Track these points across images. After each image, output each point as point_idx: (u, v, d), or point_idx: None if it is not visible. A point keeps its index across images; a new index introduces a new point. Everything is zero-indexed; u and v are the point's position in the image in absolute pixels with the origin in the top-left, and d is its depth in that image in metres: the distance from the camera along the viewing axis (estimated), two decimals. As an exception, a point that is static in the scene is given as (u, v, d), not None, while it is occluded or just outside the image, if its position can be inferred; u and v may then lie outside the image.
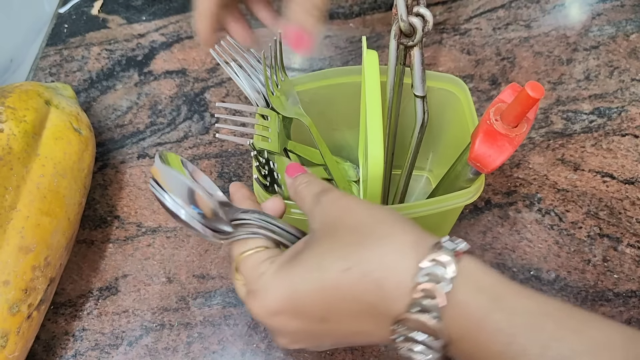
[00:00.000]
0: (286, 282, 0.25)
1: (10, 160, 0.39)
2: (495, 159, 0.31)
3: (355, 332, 0.25)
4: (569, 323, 0.21)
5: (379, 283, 0.23)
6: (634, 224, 0.46)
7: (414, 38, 0.34)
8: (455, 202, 0.35)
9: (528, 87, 0.28)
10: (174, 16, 0.62)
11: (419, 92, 0.36)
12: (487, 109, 0.32)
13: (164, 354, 0.42)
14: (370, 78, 0.34)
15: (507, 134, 0.31)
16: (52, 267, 0.41)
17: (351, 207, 0.26)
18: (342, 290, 0.24)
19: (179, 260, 0.46)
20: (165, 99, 0.56)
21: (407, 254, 0.23)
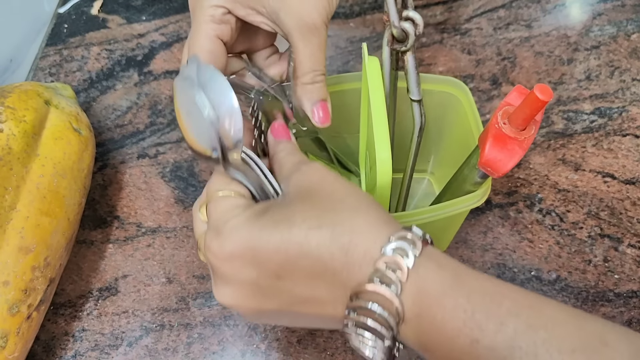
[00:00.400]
0: (252, 229, 0.24)
1: (10, 161, 0.39)
2: (506, 163, 0.31)
3: (308, 298, 0.25)
4: (525, 301, 0.22)
5: (345, 247, 0.23)
6: (634, 224, 0.45)
7: (406, 43, 0.34)
8: (462, 206, 0.35)
9: (537, 90, 0.28)
10: (174, 16, 0.62)
11: (415, 96, 0.36)
12: (495, 113, 0.32)
13: (164, 354, 0.42)
14: (373, 86, 0.34)
15: (516, 137, 0.31)
16: (51, 267, 0.41)
17: (330, 177, 0.26)
18: (306, 247, 0.23)
19: (179, 261, 0.46)
20: (165, 99, 0.56)
21: (378, 226, 0.24)
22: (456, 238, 0.46)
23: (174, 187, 0.50)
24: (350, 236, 0.23)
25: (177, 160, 0.52)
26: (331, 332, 0.42)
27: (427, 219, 0.35)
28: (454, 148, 0.41)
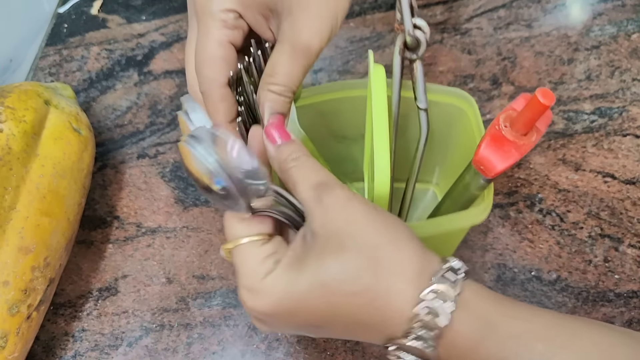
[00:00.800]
0: (290, 290, 0.25)
1: (10, 161, 0.39)
2: (498, 163, 0.31)
3: (347, 337, 0.27)
4: (558, 340, 0.23)
5: (380, 309, 0.24)
6: (635, 224, 0.45)
7: (418, 51, 0.34)
8: (461, 222, 0.35)
9: (539, 93, 0.28)
10: (174, 16, 0.62)
11: (423, 105, 0.36)
12: (498, 115, 0.32)
13: (164, 354, 0.42)
14: (377, 94, 0.34)
15: (515, 141, 0.31)
16: (51, 267, 0.41)
17: (359, 221, 0.25)
18: (343, 309, 0.25)
19: (178, 261, 0.46)
20: (165, 98, 0.56)
21: (410, 283, 0.24)
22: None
23: (174, 187, 0.50)
24: (384, 301, 0.24)
25: (177, 160, 0.52)
26: (331, 332, 0.42)
27: (423, 233, 0.34)
28: (459, 160, 0.40)
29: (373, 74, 0.35)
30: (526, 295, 0.43)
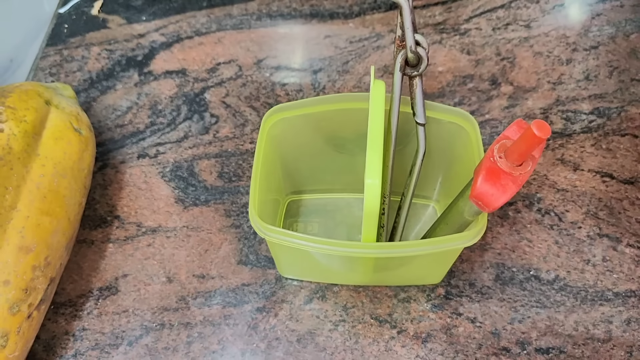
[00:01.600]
0: None
1: (11, 160, 0.39)
2: (497, 199, 0.30)
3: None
4: None
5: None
6: (633, 224, 0.46)
7: (419, 68, 0.34)
8: (452, 244, 0.34)
9: (534, 126, 0.27)
10: (174, 16, 0.63)
11: (421, 120, 0.35)
12: (492, 146, 0.31)
13: (164, 353, 0.42)
14: (374, 111, 0.34)
15: (511, 173, 0.30)
16: (52, 267, 0.41)
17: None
18: None
19: (179, 260, 0.46)
20: (165, 99, 0.56)
21: None
22: (455, 238, 0.46)
23: (174, 187, 0.50)
24: None
25: (177, 160, 0.52)
26: (331, 331, 0.42)
27: (412, 253, 0.35)
28: (459, 177, 0.40)
29: (372, 89, 0.35)
30: (525, 294, 0.43)
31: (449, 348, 0.41)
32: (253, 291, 0.45)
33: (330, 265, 0.42)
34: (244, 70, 0.58)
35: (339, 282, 0.45)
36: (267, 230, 0.35)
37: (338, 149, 0.44)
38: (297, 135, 0.42)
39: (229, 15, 0.62)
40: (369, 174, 0.32)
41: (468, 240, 0.34)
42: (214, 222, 0.48)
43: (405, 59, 0.33)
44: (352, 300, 0.44)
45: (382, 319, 0.43)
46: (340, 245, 0.34)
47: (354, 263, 0.40)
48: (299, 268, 0.44)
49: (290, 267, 0.44)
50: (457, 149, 0.41)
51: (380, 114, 0.34)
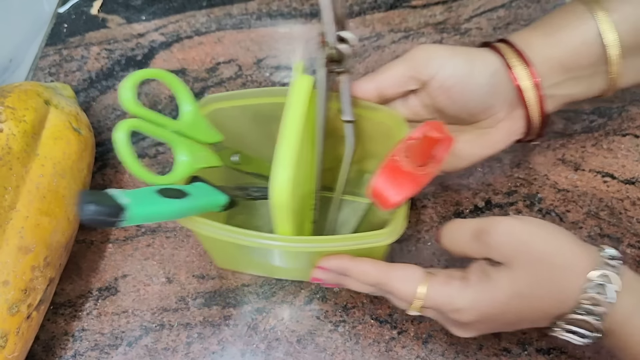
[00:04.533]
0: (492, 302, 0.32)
1: (10, 160, 0.39)
2: (392, 197, 0.30)
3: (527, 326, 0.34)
4: None
5: (559, 297, 0.31)
6: (634, 224, 0.46)
7: (343, 64, 0.33)
8: (366, 241, 0.34)
9: (429, 127, 0.27)
10: (174, 16, 0.62)
11: (347, 117, 0.35)
12: (397, 145, 0.31)
13: (164, 354, 0.42)
14: (293, 106, 0.34)
15: (412, 172, 0.30)
16: (51, 267, 0.41)
17: (526, 241, 0.32)
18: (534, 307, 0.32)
19: (178, 261, 0.46)
20: (165, 98, 0.56)
21: (581, 274, 0.31)
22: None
23: (174, 187, 0.50)
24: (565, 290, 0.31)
25: (176, 160, 0.52)
26: (331, 331, 0.42)
27: (326, 248, 0.34)
28: None
29: (295, 83, 0.35)
30: (525, 294, 0.43)
31: (449, 349, 0.41)
32: (253, 292, 0.45)
33: (256, 258, 0.42)
34: (244, 70, 0.58)
35: (276, 276, 0.45)
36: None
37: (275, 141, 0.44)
38: (234, 126, 0.42)
39: (228, 15, 0.62)
40: (276, 167, 0.31)
41: (382, 238, 0.34)
42: (213, 222, 0.48)
43: (328, 55, 0.33)
44: (352, 300, 0.44)
45: (383, 320, 0.43)
46: (250, 236, 0.34)
47: (275, 256, 0.40)
48: (230, 260, 0.44)
49: (222, 259, 0.44)
50: (389, 146, 0.40)
51: (299, 107, 0.34)
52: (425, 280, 0.33)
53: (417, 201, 0.48)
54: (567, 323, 0.32)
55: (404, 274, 0.34)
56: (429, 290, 0.33)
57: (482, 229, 0.33)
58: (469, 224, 0.35)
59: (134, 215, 0.28)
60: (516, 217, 0.33)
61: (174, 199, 0.31)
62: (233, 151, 0.41)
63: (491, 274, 0.32)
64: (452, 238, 0.36)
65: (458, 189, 0.48)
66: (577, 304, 0.31)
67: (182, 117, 0.37)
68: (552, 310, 0.32)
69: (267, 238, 0.34)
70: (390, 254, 0.45)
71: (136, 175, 0.33)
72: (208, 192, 0.35)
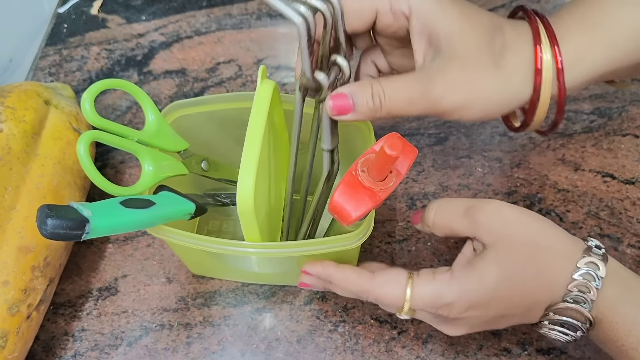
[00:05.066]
0: (482, 286, 0.31)
1: (10, 160, 0.39)
2: (351, 213, 0.29)
3: (519, 320, 0.34)
4: None
5: (546, 283, 0.31)
6: (634, 224, 0.46)
7: (320, 94, 0.32)
8: (334, 245, 0.34)
9: (386, 144, 0.27)
10: (174, 16, 0.62)
11: (326, 147, 0.34)
12: (357, 159, 0.31)
13: (164, 354, 0.42)
14: (256, 112, 0.33)
15: (371, 187, 0.30)
16: (51, 267, 0.41)
17: (513, 223, 0.32)
18: (523, 292, 0.32)
19: (178, 261, 0.46)
20: (165, 98, 0.56)
21: (568, 259, 0.31)
22: (456, 237, 0.46)
23: (174, 187, 0.50)
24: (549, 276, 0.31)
25: (176, 160, 0.52)
26: (331, 331, 0.42)
27: (295, 253, 0.34)
28: None
29: (258, 89, 0.34)
30: (525, 294, 0.43)
31: (449, 349, 0.41)
32: (253, 292, 0.45)
33: (229, 265, 0.42)
34: (244, 70, 0.58)
35: (251, 281, 0.45)
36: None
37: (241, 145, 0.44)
38: (201, 132, 0.42)
39: (228, 15, 0.62)
40: (242, 173, 0.31)
41: (350, 242, 0.34)
42: (213, 223, 0.48)
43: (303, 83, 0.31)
44: (352, 300, 0.44)
45: (383, 320, 0.43)
46: (217, 243, 0.34)
47: (246, 261, 0.40)
48: (203, 267, 0.44)
49: (195, 266, 0.44)
50: (358, 150, 0.40)
51: (262, 112, 0.33)
52: (409, 282, 0.33)
53: (417, 201, 0.48)
54: (557, 313, 0.31)
55: (387, 279, 0.33)
56: (415, 290, 0.32)
57: (471, 206, 0.33)
58: (460, 201, 0.35)
59: (96, 227, 0.27)
60: (506, 203, 0.33)
61: (139, 209, 0.31)
62: (200, 158, 0.41)
63: (476, 263, 0.32)
64: (441, 212, 0.35)
65: (458, 189, 0.48)
66: (566, 291, 0.31)
67: (147, 126, 0.37)
68: (542, 297, 0.32)
69: (235, 245, 0.34)
70: (391, 254, 0.45)
71: (100, 187, 0.33)
72: (175, 201, 0.35)
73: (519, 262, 0.31)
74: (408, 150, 0.31)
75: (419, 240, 0.46)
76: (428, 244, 0.46)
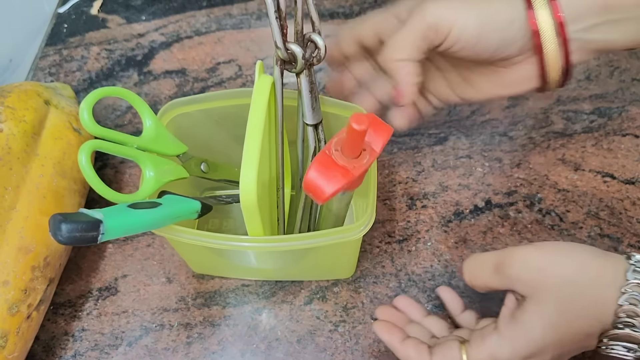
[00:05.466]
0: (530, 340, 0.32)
1: (10, 160, 0.39)
2: (324, 189, 0.30)
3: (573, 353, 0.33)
4: None
5: (593, 316, 0.31)
6: (634, 224, 0.45)
7: (296, 66, 0.33)
8: (336, 237, 0.34)
9: (352, 120, 0.27)
10: (174, 16, 0.62)
11: (308, 121, 0.35)
12: (331, 139, 0.31)
13: (164, 354, 0.42)
14: (255, 105, 0.34)
15: (345, 166, 0.30)
16: (51, 267, 0.41)
17: (545, 268, 0.32)
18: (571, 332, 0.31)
19: (178, 261, 0.46)
20: (165, 98, 0.56)
21: (611, 286, 0.31)
22: (456, 238, 0.46)
23: (174, 187, 0.50)
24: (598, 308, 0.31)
25: (176, 160, 0.52)
26: (331, 332, 0.42)
27: (296, 246, 0.35)
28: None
29: (256, 84, 0.35)
30: (526, 294, 0.43)
31: (449, 349, 0.41)
32: (253, 292, 0.45)
33: (231, 261, 0.42)
34: (244, 70, 0.58)
35: (252, 277, 0.45)
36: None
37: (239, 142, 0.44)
38: (200, 131, 0.42)
39: (228, 15, 0.62)
40: (244, 167, 0.32)
41: (352, 233, 0.34)
42: (213, 223, 0.48)
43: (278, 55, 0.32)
44: (353, 300, 0.44)
45: (383, 320, 0.43)
46: (221, 239, 0.34)
47: (248, 257, 0.40)
48: (206, 265, 0.44)
49: (197, 265, 0.45)
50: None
51: (261, 107, 0.34)
52: (462, 353, 0.34)
53: (417, 201, 0.48)
54: (612, 339, 0.31)
55: (444, 358, 0.34)
56: (470, 358, 0.33)
57: (500, 262, 0.34)
58: (488, 258, 0.35)
59: (111, 228, 0.28)
60: (532, 245, 0.33)
61: (147, 209, 0.31)
62: (199, 160, 0.41)
63: (519, 316, 0.32)
64: (473, 274, 0.36)
65: (458, 189, 0.48)
66: (615, 318, 0.30)
67: (145, 132, 0.38)
68: (592, 329, 0.31)
69: (237, 240, 0.34)
70: (391, 254, 0.45)
71: (103, 196, 0.33)
72: (180, 201, 0.35)
73: (560, 306, 0.31)
74: (381, 127, 0.32)
75: (419, 240, 0.46)
76: (428, 244, 0.46)
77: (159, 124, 0.38)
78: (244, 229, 0.34)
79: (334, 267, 0.44)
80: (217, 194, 0.49)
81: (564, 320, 0.31)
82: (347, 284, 0.44)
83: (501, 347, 0.32)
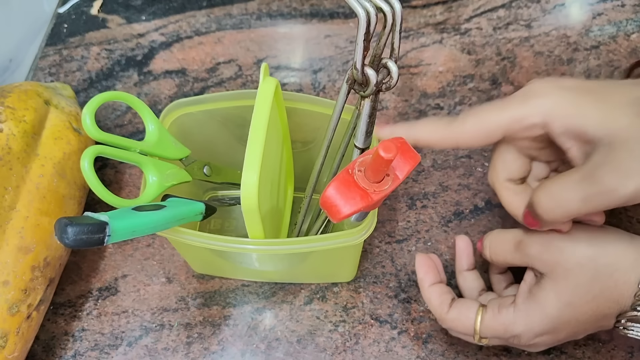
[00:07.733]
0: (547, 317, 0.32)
1: (10, 160, 0.39)
2: (340, 210, 0.29)
3: (590, 331, 0.34)
4: None
5: (611, 298, 0.31)
6: (634, 224, 0.45)
7: (365, 89, 0.32)
8: (337, 242, 0.34)
9: (380, 147, 0.27)
10: (174, 16, 0.62)
11: (359, 144, 0.34)
12: (356, 159, 0.31)
13: (164, 354, 0.42)
14: (259, 107, 0.34)
15: (365, 188, 0.30)
16: (51, 267, 0.41)
17: (564, 248, 0.32)
18: (588, 312, 0.32)
19: (178, 261, 0.46)
20: (165, 98, 0.56)
21: (629, 269, 0.31)
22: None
23: (174, 187, 0.50)
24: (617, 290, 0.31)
25: (176, 160, 0.52)
26: (331, 331, 0.42)
27: (303, 249, 0.35)
28: None
29: (260, 86, 0.35)
30: (525, 294, 0.43)
31: (449, 349, 0.41)
32: (253, 292, 0.45)
33: (232, 262, 0.42)
34: (244, 70, 0.58)
35: (253, 279, 0.45)
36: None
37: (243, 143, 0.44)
38: (203, 132, 0.42)
39: (228, 15, 0.62)
40: (246, 170, 0.31)
41: (353, 238, 0.34)
42: (213, 223, 0.48)
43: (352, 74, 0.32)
44: (353, 300, 0.44)
45: (383, 320, 0.43)
46: (222, 241, 0.35)
47: (248, 258, 0.40)
48: (207, 265, 0.44)
49: (199, 265, 0.45)
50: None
51: (264, 109, 0.34)
52: (478, 315, 0.35)
53: (417, 201, 0.48)
54: (629, 320, 0.31)
55: (459, 311, 0.36)
56: (483, 323, 0.35)
57: (520, 240, 0.34)
58: (509, 235, 0.36)
59: (117, 230, 0.28)
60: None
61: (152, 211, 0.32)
62: (202, 164, 0.41)
63: (536, 293, 0.33)
64: (494, 250, 0.37)
65: (458, 189, 0.48)
66: (634, 300, 0.31)
67: (147, 136, 0.38)
68: (610, 310, 0.32)
69: (239, 242, 0.35)
70: (391, 254, 0.45)
71: (106, 201, 0.33)
72: (184, 203, 0.35)
73: (578, 287, 0.32)
74: (409, 155, 0.31)
75: (419, 240, 0.46)
76: (428, 244, 0.46)
77: (161, 128, 0.38)
78: (246, 230, 0.34)
79: (335, 270, 0.44)
80: (219, 195, 0.49)
81: (582, 300, 0.32)
82: (347, 284, 0.44)
83: (515, 320, 0.33)
